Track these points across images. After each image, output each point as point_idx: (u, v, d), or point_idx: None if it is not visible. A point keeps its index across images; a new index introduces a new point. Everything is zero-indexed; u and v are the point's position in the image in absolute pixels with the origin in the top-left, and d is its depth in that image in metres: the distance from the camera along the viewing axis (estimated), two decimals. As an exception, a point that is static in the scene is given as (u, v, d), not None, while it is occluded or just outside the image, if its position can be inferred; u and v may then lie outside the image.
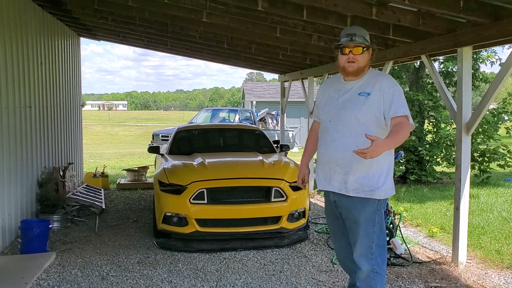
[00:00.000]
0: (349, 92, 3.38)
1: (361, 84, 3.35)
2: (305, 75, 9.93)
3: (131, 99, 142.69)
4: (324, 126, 3.48)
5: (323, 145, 3.45)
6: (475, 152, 10.83)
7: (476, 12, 4.37)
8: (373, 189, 3.27)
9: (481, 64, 11.82)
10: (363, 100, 3.28)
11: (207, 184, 5.78)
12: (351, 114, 3.29)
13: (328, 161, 3.39)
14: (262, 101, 27.20)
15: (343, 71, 3.39)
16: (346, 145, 3.26)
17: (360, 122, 3.26)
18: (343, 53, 3.32)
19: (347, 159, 3.25)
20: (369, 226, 3.30)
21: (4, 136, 5.78)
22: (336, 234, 3.60)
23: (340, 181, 3.33)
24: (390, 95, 3.23)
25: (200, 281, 4.72)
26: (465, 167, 5.09)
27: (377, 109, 3.25)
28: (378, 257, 3.32)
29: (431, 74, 5.72)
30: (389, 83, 3.30)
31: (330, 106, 3.44)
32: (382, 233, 3.37)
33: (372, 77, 3.35)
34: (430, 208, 8.18)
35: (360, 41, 3.30)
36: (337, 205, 3.43)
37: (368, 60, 3.36)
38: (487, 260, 5.39)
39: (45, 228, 5.58)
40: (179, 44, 9.64)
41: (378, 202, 3.32)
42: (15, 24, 6.31)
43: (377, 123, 3.27)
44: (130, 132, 38.45)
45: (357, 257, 3.33)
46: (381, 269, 3.33)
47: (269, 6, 5.29)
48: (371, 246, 3.30)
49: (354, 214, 3.33)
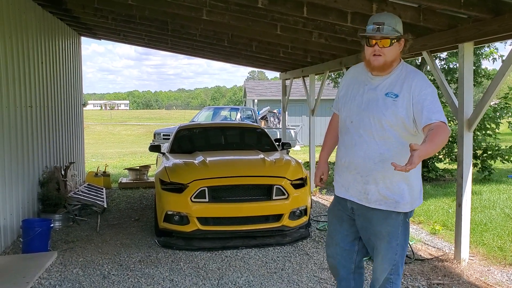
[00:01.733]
0: (375, 90, 2.94)
1: (390, 82, 2.91)
2: (306, 73, 9.92)
3: (133, 98, 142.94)
4: (344, 126, 3.08)
5: (342, 148, 3.07)
6: (477, 149, 10.79)
7: (477, 8, 4.35)
8: (397, 201, 2.89)
9: (484, 61, 11.81)
10: (390, 103, 2.84)
11: (209, 182, 5.77)
12: (374, 117, 2.88)
13: (348, 167, 3.01)
14: (264, 100, 27.16)
15: (368, 65, 2.96)
16: (368, 152, 2.90)
17: (385, 127, 2.85)
18: (369, 44, 2.88)
19: (368, 167, 2.90)
20: (393, 240, 2.95)
21: (5, 136, 5.78)
22: (334, 237, 3.23)
23: (360, 191, 2.98)
24: (421, 99, 2.77)
25: (202, 279, 4.71)
26: (467, 164, 5.07)
27: (405, 114, 2.81)
28: (399, 267, 3.02)
29: (433, 70, 5.69)
30: (420, 84, 2.83)
31: (353, 103, 3.02)
32: (406, 242, 3.05)
33: (403, 75, 2.90)
34: (433, 205, 8.16)
35: (389, 32, 2.83)
36: (354, 213, 3.08)
37: (399, 53, 2.92)
38: (490, 257, 5.37)
39: (46, 228, 5.58)
40: (179, 43, 9.63)
41: (404, 214, 2.96)
42: (16, 24, 6.31)
43: (404, 128, 2.84)
44: (132, 131, 38.49)
45: (379, 270, 3.03)
46: (397, 278, 3.04)
47: (269, 3, 5.28)
48: (394, 259, 2.98)
49: (375, 227, 2.98)
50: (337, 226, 3.21)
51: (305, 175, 6.24)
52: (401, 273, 3.08)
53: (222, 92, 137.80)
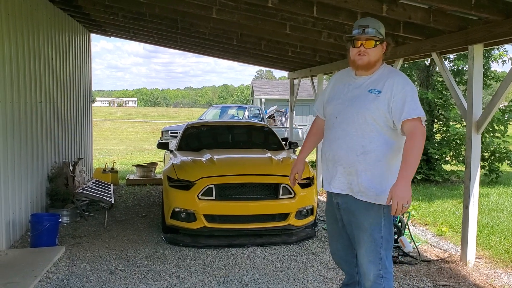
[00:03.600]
0: (359, 88, 3.14)
1: (373, 81, 3.11)
2: (315, 72, 9.91)
3: (140, 95, 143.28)
4: (329, 122, 3.27)
5: (327, 143, 3.24)
6: (485, 151, 10.74)
7: (487, 9, 4.34)
8: (377, 194, 3.01)
9: (493, 63, 11.73)
10: (373, 98, 3.04)
11: (216, 180, 5.79)
12: (358, 112, 3.06)
13: (332, 159, 3.17)
14: (271, 99, 27.19)
15: (353, 65, 3.16)
16: (351, 144, 3.06)
17: (368, 121, 3.03)
18: (355, 45, 3.10)
19: (351, 159, 3.06)
20: (375, 232, 3.07)
21: (16, 131, 5.83)
22: (333, 235, 3.42)
23: (343, 182, 3.13)
24: (402, 95, 2.98)
25: (208, 276, 4.74)
26: (475, 165, 5.06)
27: (386, 109, 3.01)
28: (386, 261, 3.10)
29: (442, 72, 5.68)
30: (401, 82, 3.04)
31: (337, 101, 3.22)
32: (391, 235, 3.14)
33: (385, 74, 3.11)
34: (439, 207, 8.14)
35: (373, 34, 3.06)
36: (340, 207, 3.22)
37: (381, 55, 3.13)
38: (496, 260, 5.35)
39: (55, 222, 5.63)
40: (189, 41, 9.66)
41: (385, 206, 3.03)
42: (27, 20, 6.36)
43: (386, 123, 3.03)
44: (140, 128, 38.61)
45: (364, 263, 3.11)
46: (387, 273, 3.11)
47: (279, 3, 5.28)
48: (379, 252, 3.08)
49: (358, 219, 3.11)
50: (334, 225, 3.38)
51: (312, 174, 6.25)
52: (390, 269, 3.16)
53: (230, 91, 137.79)
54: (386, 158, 3.00)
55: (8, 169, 5.56)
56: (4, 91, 5.50)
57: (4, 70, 5.52)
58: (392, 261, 3.23)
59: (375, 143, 3.02)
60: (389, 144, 3.05)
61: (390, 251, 3.19)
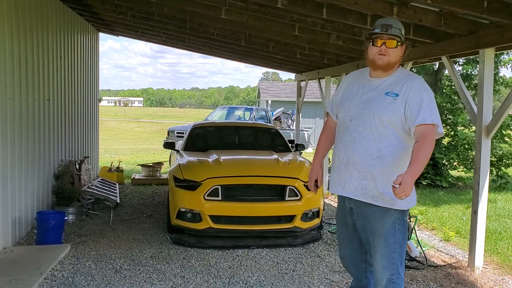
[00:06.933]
0: (375, 90, 3.06)
1: (390, 83, 3.04)
2: (322, 75, 9.87)
3: (147, 95, 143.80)
4: (343, 124, 3.17)
5: (341, 146, 3.14)
6: (492, 156, 10.67)
7: (500, 13, 4.30)
8: (394, 198, 2.87)
9: (502, 68, 11.66)
10: (390, 101, 2.96)
11: (222, 181, 5.77)
12: (375, 115, 2.98)
13: (345, 163, 3.09)
14: (278, 101, 27.14)
15: (371, 64, 3.07)
16: (367, 148, 2.99)
17: (384, 125, 2.96)
18: (375, 44, 3.00)
19: (367, 163, 2.99)
20: (390, 237, 3.02)
21: (23, 128, 5.84)
22: (342, 241, 3.37)
23: (357, 186, 3.05)
24: (419, 100, 2.91)
25: (213, 277, 4.72)
26: (484, 170, 5.01)
27: (403, 112, 2.94)
28: (399, 266, 3.06)
29: (452, 75, 5.64)
30: (419, 86, 2.97)
31: (352, 103, 3.13)
32: (404, 240, 3.10)
33: (402, 77, 3.04)
34: (446, 212, 8.08)
35: (396, 33, 2.98)
36: (353, 212, 3.15)
37: (400, 58, 3.06)
38: (504, 266, 5.30)
39: (60, 220, 5.63)
40: (197, 41, 9.65)
41: (400, 212, 3.02)
42: (36, 18, 6.38)
43: (402, 127, 2.96)
44: (145, 128, 38.70)
45: (379, 269, 3.05)
46: (399, 278, 3.07)
47: (288, 4, 5.26)
48: (392, 257, 3.03)
49: (372, 224, 3.05)
50: (344, 230, 3.32)
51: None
52: (402, 274, 3.12)
53: (236, 92, 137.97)
54: (402, 163, 2.92)
55: (15, 166, 5.57)
56: (12, 88, 5.51)
57: (13, 67, 5.53)
58: (404, 266, 3.18)
59: (392, 147, 2.97)
60: (406, 148, 2.99)
61: (404, 256, 3.14)
